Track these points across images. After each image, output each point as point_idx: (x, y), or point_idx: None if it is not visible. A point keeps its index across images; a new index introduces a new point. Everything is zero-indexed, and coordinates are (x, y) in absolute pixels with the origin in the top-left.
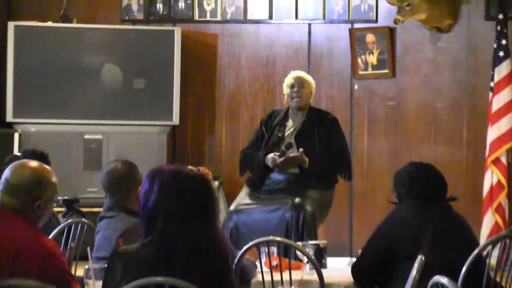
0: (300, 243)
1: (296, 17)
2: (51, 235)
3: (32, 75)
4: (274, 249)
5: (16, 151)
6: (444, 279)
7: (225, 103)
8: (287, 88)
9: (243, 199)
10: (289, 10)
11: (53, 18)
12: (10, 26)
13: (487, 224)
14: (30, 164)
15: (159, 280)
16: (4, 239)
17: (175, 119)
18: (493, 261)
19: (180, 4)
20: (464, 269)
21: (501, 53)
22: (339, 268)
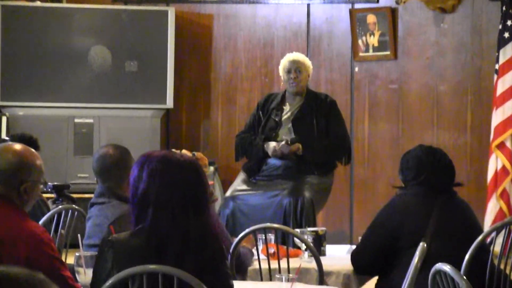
0: (299, 230)
1: None
2: (41, 222)
3: (20, 57)
4: (272, 236)
5: (4, 135)
6: (447, 267)
7: (221, 87)
8: (284, 72)
9: (240, 185)
10: None
11: None
12: None
13: (491, 210)
14: (13, 147)
15: (152, 269)
16: None
17: (169, 103)
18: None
19: None
20: (467, 257)
21: (507, 35)
22: (339, 256)
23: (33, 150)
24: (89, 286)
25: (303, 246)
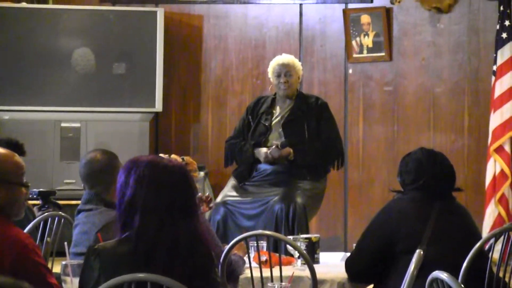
0: (291, 237)
1: None
2: (26, 229)
3: (5, 59)
4: (264, 244)
5: None
6: (444, 275)
7: (211, 89)
8: (273, 76)
9: (230, 191)
10: None
11: None
12: None
13: (490, 216)
14: None
15: (141, 277)
16: None
17: (158, 106)
18: (496, 255)
19: None
20: (465, 264)
21: (504, 35)
22: (333, 264)
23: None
24: None
25: (296, 254)
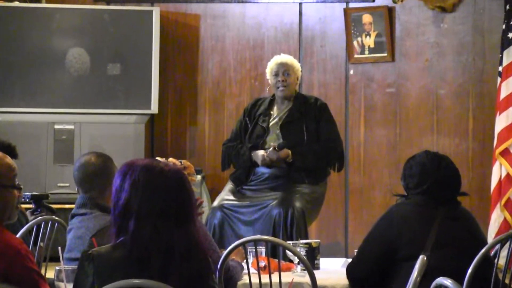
0: (291, 243)
1: None
2: (19, 234)
3: None
4: (262, 249)
5: None
6: (448, 281)
7: (209, 91)
8: (271, 76)
9: (228, 195)
10: None
11: None
12: None
13: (495, 221)
14: None
15: (136, 283)
16: None
17: (154, 108)
18: (502, 262)
19: None
20: (470, 270)
21: (510, 35)
22: (333, 270)
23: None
24: None
25: (296, 259)
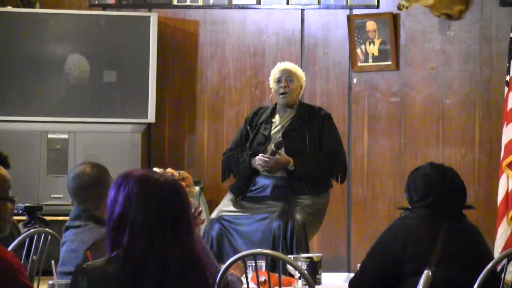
0: (292, 257)
1: (288, 2)
2: (11, 247)
3: None
4: (262, 263)
5: None
6: None
7: (207, 99)
8: (274, 83)
9: (226, 206)
10: None
11: (13, 2)
12: None
13: (502, 235)
14: None
15: None
16: None
17: (151, 117)
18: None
19: None
20: (476, 286)
21: None
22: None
23: None
24: None
25: (297, 274)
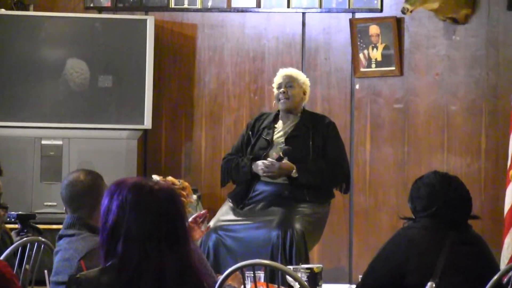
0: (292, 267)
1: (288, 5)
2: (3, 256)
3: None
4: (261, 274)
5: None
6: None
7: (205, 105)
8: (276, 89)
9: (224, 215)
10: None
11: (6, 5)
12: None
13: (509, 246)
14: None
15: None
16: None
17: (147, 123)
18: None
19: None
20: None
21: None
22: None
23: None
24: None
25: (296, 285)
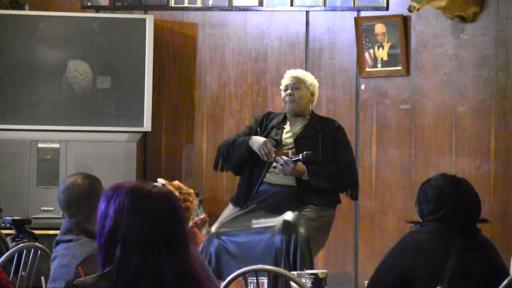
0: (295, 273)
1: (292, 4)
2: None
3: None
4: (264, 280)
5: None
6: None
7: (206, 106)
8: (283, 91)
9: (226, 219)
10: None
11: (1, 4)
12: None
13: None
14: None
15: None
16: None
17: (147, 125)
18: None
19: None
20: None
21: None
22: None
23: None
24: None
25: None
